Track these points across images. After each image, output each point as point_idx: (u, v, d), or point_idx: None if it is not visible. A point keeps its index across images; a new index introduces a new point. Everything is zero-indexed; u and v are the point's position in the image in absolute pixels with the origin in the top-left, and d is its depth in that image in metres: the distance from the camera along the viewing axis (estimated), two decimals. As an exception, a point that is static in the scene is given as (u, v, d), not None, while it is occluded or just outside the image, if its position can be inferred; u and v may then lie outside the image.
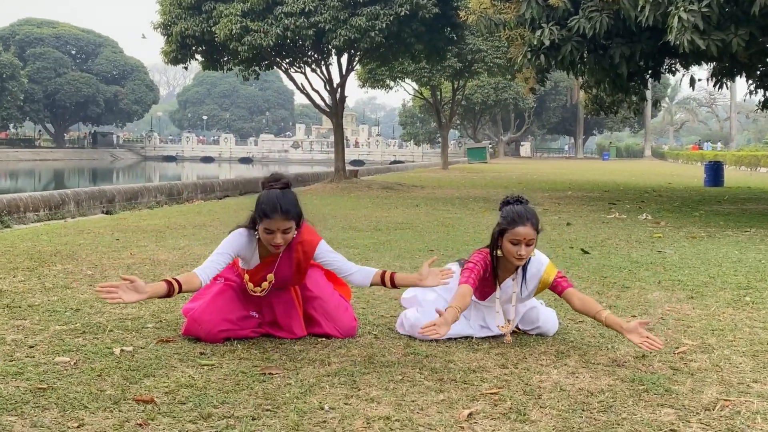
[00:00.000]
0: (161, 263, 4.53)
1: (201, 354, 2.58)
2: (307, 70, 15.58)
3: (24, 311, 3.18)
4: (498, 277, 2.85)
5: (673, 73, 12.90)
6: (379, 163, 44.77)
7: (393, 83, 23.92)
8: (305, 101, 23.17)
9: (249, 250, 2.72)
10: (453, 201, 10.96)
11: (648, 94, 14.45)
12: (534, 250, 2.78)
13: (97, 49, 59.55)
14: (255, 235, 2.69)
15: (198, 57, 14.95)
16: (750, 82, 12.24)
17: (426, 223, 7.39)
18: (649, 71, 11.33)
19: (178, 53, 14.25)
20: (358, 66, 18.30)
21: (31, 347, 2.63)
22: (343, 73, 15.53)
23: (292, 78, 15.96)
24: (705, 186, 16.02)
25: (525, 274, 2.85)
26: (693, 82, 11.27)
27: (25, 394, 2.13)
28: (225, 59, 14.82)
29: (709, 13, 7.39)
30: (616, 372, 2.45)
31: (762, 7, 7.26)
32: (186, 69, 16.45)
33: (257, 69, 15.39)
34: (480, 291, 2.84)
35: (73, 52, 59.10)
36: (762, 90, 12.24)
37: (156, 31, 14.36)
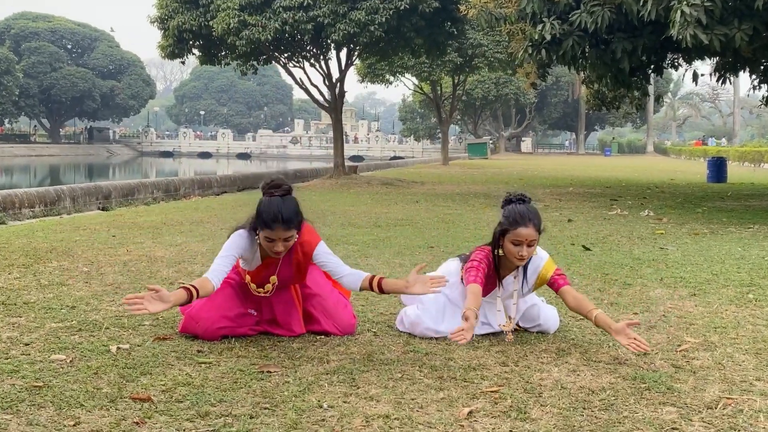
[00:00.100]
0: (158, 260, 4.51)
1: (198, 352, 2.57)
2: (306, 64, 15.49)
3: (19, 308, 3.16)
4: (499, 275, 2.83)
5: (676, 68, 12.84)
6: (379, 159, 44.79)
7: (393, 78, 23.86)
8: (304, 96, 23.13)
9: (250, 251, 2.71)
10: (453, 197, 10.93)
11: (650, 89, 14.40)
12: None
13: (93, 44, 58.99)
14: (255, 239, 2.68)
15: (195, 51, 14.85)
16: (753, 77, 12.18)
17: (426, 220, 7.36)
18: (652, 66, 11.28)
19: (175, 48, 14.16)
20: (357, 61, 18.24)
21: (27, 345, 2.61)
22: (343, 68, 15.46)
23: (290, 73, 15.89)
24: (708, 182, 15.96)
25: (526, 271, 2.84)
26: (696, 77, 11.19)
27: (21, 392, 2.11)
28: (222, 54, 14.74)
29: (712, 8, 7.34)
30: (617, 370, 2.43)
31: (766, 1, 7.21)
32: (183, 64, 16.35)
33: (255, 64, 15.31)
34: (482, 287, 2.82)
35: (69, 46, 58.56)
36: (766, 85, 12.18)
37: (153, 25, 14.26)
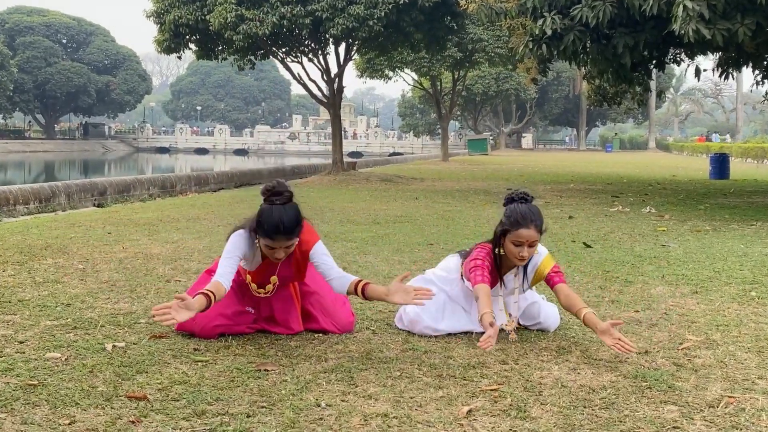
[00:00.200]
0: (154, 257, 4.49)
1: (195, 350, 2.55)
2: (304, 59, 15.44)
3: (14, 306, 3.14)
4: (500, 273, 2.82)
5: (678, 64, 12.79)
6: (378, 155, 44.72)
7: (392, 73, 23.78)
8: (302, 92, 23.08)
9: (250, 251, 2.70)
10: (453, 193, 10.91)
11: (652, 84, 14.32)
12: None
13: (89, 38, 58.40)
14: (255, 242, 2.66)
15: (192, 46, 14.74)
16: (756, 72, 12.12)
17: (425, 216, 7.34)
18: (654, 61, 11.22)
19: (171, 42, 14.07)
20: (356, 55, 18.20)
21: (21, 343, 2.60)
22: (341, 63, 15.39)
23: (288, 68, 15.82)
24: (710, 179, 15.91)
25: (526, 269, 2.83)
26: (698, 72, 11.15)
27: (15, 390, 2.09)
28: (219, 48, 14.64)
29: (715, 2, 7.30)
30: (618, 368, 2.41)
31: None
32: (179, 58, 16.30)
33: (253, 58, 15.23)
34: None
35: (64, 41, 57.96)
36: (769, 80, 12.12)
37: (149, 20, 14.18)
